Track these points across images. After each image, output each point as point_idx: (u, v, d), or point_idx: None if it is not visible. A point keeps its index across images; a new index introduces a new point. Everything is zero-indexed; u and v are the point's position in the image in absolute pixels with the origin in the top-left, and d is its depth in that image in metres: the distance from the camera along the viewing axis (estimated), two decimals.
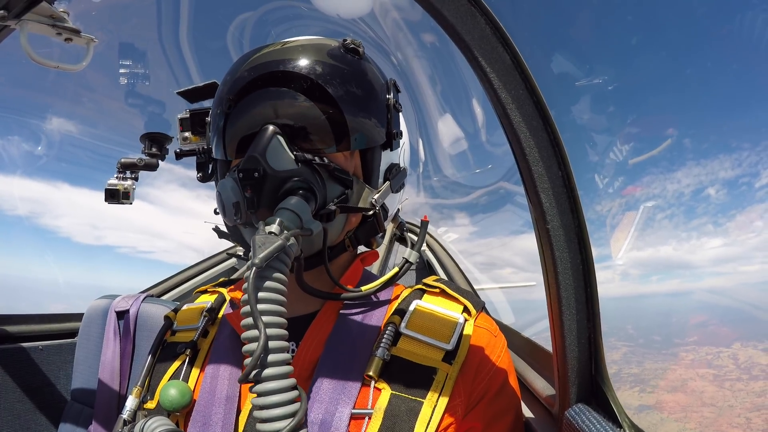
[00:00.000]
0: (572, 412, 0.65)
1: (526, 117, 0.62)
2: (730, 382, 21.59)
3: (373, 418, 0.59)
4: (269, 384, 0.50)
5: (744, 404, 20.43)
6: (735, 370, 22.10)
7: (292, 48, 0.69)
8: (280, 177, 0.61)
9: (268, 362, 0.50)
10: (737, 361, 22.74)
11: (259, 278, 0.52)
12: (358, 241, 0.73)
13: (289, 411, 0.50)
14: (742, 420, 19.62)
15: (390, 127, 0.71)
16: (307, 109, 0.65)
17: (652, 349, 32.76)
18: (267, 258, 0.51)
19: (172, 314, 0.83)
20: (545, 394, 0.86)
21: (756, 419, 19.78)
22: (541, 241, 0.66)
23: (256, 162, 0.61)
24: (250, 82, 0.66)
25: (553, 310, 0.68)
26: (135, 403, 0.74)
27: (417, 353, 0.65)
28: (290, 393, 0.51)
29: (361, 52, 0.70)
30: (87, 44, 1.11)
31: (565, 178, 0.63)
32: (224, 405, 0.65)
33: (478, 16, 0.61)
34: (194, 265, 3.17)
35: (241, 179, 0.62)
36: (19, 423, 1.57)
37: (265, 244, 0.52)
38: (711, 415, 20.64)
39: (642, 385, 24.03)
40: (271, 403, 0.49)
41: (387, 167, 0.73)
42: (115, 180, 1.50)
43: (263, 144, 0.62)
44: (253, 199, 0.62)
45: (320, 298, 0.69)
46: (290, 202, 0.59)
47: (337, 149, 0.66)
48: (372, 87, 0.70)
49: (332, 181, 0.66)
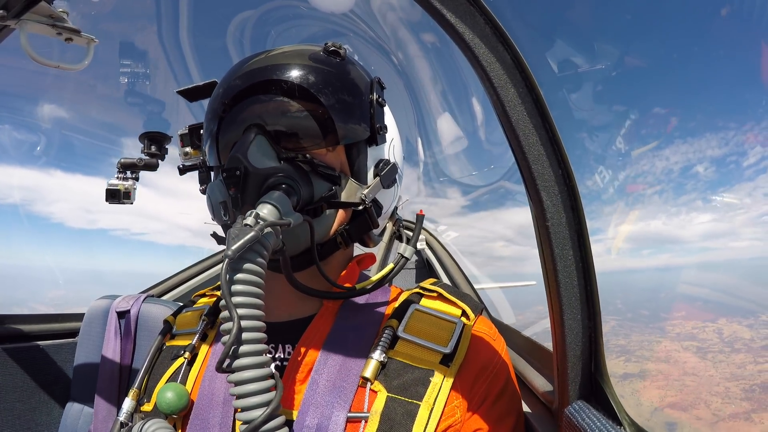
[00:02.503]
0: (572, 410, 0.65)
1: (526, 115, 0.62)
2: (713, 354, 22.47)
3: (370, 421, 0.59)
4: (244, 373, 0.50)
5: (724, 374, 21.24)
6: (718, 344, 22.99)
7: (274, 56, 0.71)
8: (261, 174, 0.62)
9: (240, 352, 0.50)
10: (721, 335, 23.64)
11: (232, 270, 0.52)
12: (351, 237, 0.73)
13: (265, 399, 0.50)
14: (721, 389, 20.46)
15: (374, 122, 0.72)
16: (287, 109, 0.66)
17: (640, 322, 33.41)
18: (240, 249, 0.51)
19: (171, 318, 0.84)
20: (545, 391, 0.86)
21: (734, 388, 20.62)
22: (542, 239, 0.67)
23: (237, 161, 0.62)
24: (237, 94, 0.68)
25: (553, 309, 0.69)
26: (132, 406, 0.74)
27: (414, 356, 0.65)
28: (265, 382, 0.51)
29: (342, 54, 0.72)
30: (87, 44, 1.11)
31: (565, 176, 0.64)
32: (222, 407, 0.65)
33: (477, 16, 0.61)
34: (194, 265, 3.17)
35: (225, 179, 0.63)
36: (19, 423, 1.57)
37: (238, 236, 0.52)
38: (692, 383, 21.36)
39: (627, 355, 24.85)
40: (246, 392, 0.50)
41: (375, 163, 0.74)
42: (116, 180, 1.50)
43: (245, 144, 0.63)
44: (237, 197, 0.63)
45: (313, 296, 0.69)
46: (270, 196, 0.59)
47: (320, 146, 0.67)
48: (353, 84, 0.71)
49: (318, 178, 0.67)
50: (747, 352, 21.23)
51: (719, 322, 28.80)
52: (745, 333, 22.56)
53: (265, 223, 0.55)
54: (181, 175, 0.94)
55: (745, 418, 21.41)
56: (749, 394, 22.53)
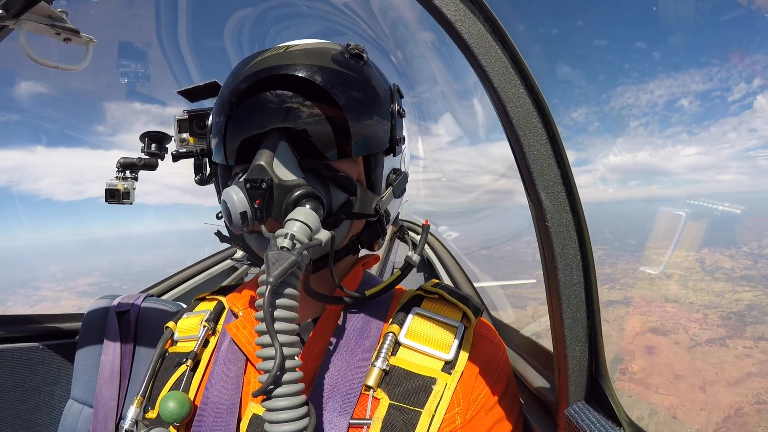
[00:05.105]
0: (572, 411, 0.65)
1: (526, 115, 0.62)
2: (694, 281, 23.98)
3: (371, 428, 0.59)
4: (281, 401, 0.51)
5: (703, 301, 22.63)
6: (700, 272, 24.54)
7: (296, 52, 0.68)
8: (287, 186, 0.61)
9: (283, 381, 0.51)
10: (703, 264, 25.27)
11: (273, 295, 0.52)
12: (361, 244, 0.73)
13: (300, 426, 0.51)
14: (700, 315, 21.89)
15: (394, 133, 0.70)
16: (313, 116, 0.64)
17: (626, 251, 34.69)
18: (281, 275, 0.51)
19: (172, 324, 0.83)
20: (545, 392, 0.86)
21: (712, 315, 22.12)
22: (542, 238, 0.66)
23: (263, 171, 0.60)
24: (254, 86, 0.65)
25: (553, 308, 0.68)
26: (136, 413, 0.74)
27: (416, 363, 0.65)
28: (301, 409, 0.52)
29: (365, 58, 0.69)
30: (86, 44, 1.11)
31: (565, 176, 0.63)
32: (225, 415, 0.65)
33: (477, 15, 0.61)
34: (193, 265, 3.17)
35: (248, 189, 0.61)
36: (19, 423, 1.58)
37: (278, 260, 0.52)
38: (673, 310, 22.46)
39: (612, 283, 26.36)
40: (282, 419, 0.51)
41: (389, 172, 0.73)
42: (115, 180, 1.49)
43: (270, 152, 0.61)
44: (262, 210, 0.61)
45: (325, 302, 0.69)
46: (300, 213, 0.58)
47: (342, 156, 0.65)
48: (376, 93, 0.69)
49: (337, 188, 0.65)
50: (727, 281, 22.60)
51: (702, 252, 30.16)
52: (726, 263, 24.04)
53: (302, 247, 0.55)
54: (174, 162, 0.92)
55: (720, 344, 22.53)
56: (726, 321, 23.72)
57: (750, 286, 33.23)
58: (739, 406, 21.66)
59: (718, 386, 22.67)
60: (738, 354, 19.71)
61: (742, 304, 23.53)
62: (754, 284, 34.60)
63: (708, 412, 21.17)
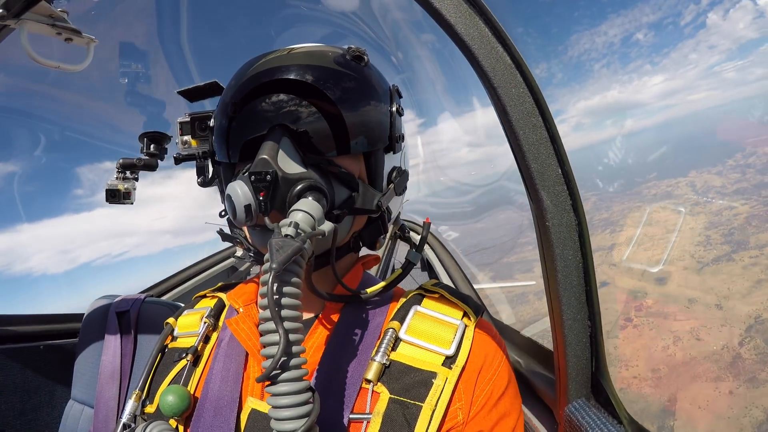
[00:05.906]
0: (572, 408, 0.65)
1: (526, 115, 0.62)
2: (690, 206, 24.85)
3: (372, 422, 0.60)
4: (286, 386, 0.50)
5: (703, 224, 23.38)
6: (693, 196, 25.45)
7: (298, 54, 0.70)
8: (291, 179, 0.61)
9: (289, 365, 0.51)
10: (695, 188, 26.24)
11: (278, 282, 0.52)
12: (363, 242, 0.74)
13: (303, 412, 0.51)
14: (703, 238, 22.63)
15: (393, 131, 0.72)
16: (314, 114, 0.65)
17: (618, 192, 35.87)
18: (285, 261, 0.51)
19: (172, 321, 0.84)
20: (545, 390, 0.86)
21: (714, 235, 22.89)
22: (542, 238, 0.67)
23: (267, 164, 0.61)
24: (258, 87, 0.66)
25: (554, 308, 0.69)
26: (135, 407, 0.74)
27: (416, 358, 0.65)
28: (305, 395, 0.51)
29: (365, 60, 0.72)
30: (87, 44, 1.11)
31: (565, 176, 0.64)
32: (225, 409, 0.65)
33: (476, 16, 0.61)
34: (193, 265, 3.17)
35: (253, 182, 0.62)
36: (19, 423, 1.58)
37: (283, 247, 0.52)
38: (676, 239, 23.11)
39: (612, 226, 27.07)
40: (286, 404, 0.50)
41: (390, 170, 0.75)
42: (115, 180, 1.49)
43: (273, 146, 0.62)
44: (266, 202, 0.62)
45: (327, 300, 0.69)
46: (304, 203, 0.59)
47: (343, 153, 0.67)
48: (376, 93, 0.71)
49: (339, 184, 0.67)
50: (721, 199, 23.38)
51: (690, 175, 31.35)
52: (716, 181, 25.16)
53: (306, 235, 0.55)
54: (176, 164, 0.92)
55: (727, 260, 23.02)
56: (729, 237, 24.26)
57: (744, 199, 33.53)
58: (758, 314, 21.86)
59: (733, 300, 22.98)
60: (745, 265, 20.20)
61: (741, 217, 24.10)
62: (747, 196, 34.93)
63: (729, 326, 21.59)
